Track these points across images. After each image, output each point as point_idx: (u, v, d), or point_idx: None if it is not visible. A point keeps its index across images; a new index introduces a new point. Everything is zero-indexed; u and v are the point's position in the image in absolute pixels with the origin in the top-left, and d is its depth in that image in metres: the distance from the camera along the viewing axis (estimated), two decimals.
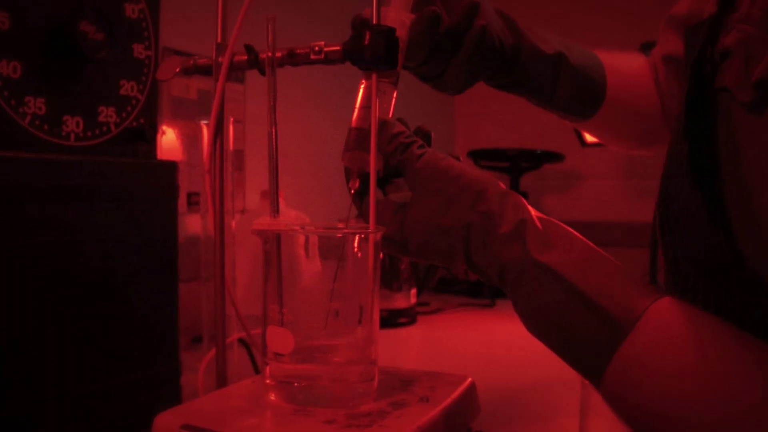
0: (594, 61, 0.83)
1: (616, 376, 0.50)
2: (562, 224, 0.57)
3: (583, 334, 0.51)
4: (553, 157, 2.09)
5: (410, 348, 1.31)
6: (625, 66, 0.88)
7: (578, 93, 0.81)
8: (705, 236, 0.52)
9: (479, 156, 2.15)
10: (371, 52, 0.58)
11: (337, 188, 1.69)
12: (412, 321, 1.49)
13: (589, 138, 1.94)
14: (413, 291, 1.50)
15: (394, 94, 0.64)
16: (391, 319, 1.42)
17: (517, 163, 2.10)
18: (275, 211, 0.60)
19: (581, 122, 0.88)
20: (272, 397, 0.58)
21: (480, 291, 1.79)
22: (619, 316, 0.49)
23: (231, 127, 0.85)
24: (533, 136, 2.25)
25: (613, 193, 2.32)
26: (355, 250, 0.58)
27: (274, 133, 0.60)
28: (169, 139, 1.31)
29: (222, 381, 0.63)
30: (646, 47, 0.96)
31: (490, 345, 1.29)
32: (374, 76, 0.60)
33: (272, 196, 0.61)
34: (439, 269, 1.81)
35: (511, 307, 0.56)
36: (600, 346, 0.50)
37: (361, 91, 0.63)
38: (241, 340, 0.96)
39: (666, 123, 0.89)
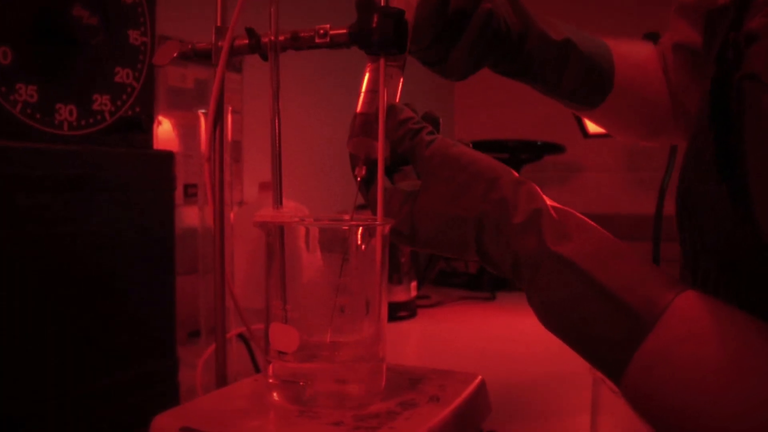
0: (602, 48, 0.81)
1: (639, 374, 0.47)
2: (578, 214, 0.55)
3: (602, 330, 0.49)
4: (554, 148, 2.07)
5: (411, 343, 1.29)
6: (633, 54, 0.86)
7: (586, 81, 0.80)
8: (729, 228, 0.50)
9: (478, 147, 2.11)
10: (379, 35, 0.55)
11: (334, 179, 1.68)
12: (412, 314, 1.47)
13: (592, 129, 1.91)
14: (413, 284, 1.49)
15: (401, 79, 0.61)
16: (391, 313, 1.40)
17: (517, 155, 2.07)
18: (278, 202, 0.58)
19: (587, 111, 0.86)
20: (275, 397, 0.55)
21: (480, 284, 1.78)
22: (641, 310, 0.47)
23: (229, 117, 0.82)
24: (533, 127, 2.23)
25: (614, 186, 2.30)
26: (363, 243, 0.56)
27: (277, 122, 0.57)
28: (165, 130, 1.29)
29: (222, 380, 0.61)
30: (648, 38, 0.94)
31: (492, 340, 1.27)
32: (382, 61, 0.57)
33: (275, 186, 0.58)
34: (440, 261, 1.79)
35: (513, 300, 0.55)
36: (621, 342, 0.48)
37: (366, 75, 0.60)
38: (239, 335, 0.94)
39: (674, 113, 0.87)
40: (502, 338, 1.27)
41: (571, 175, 2.38)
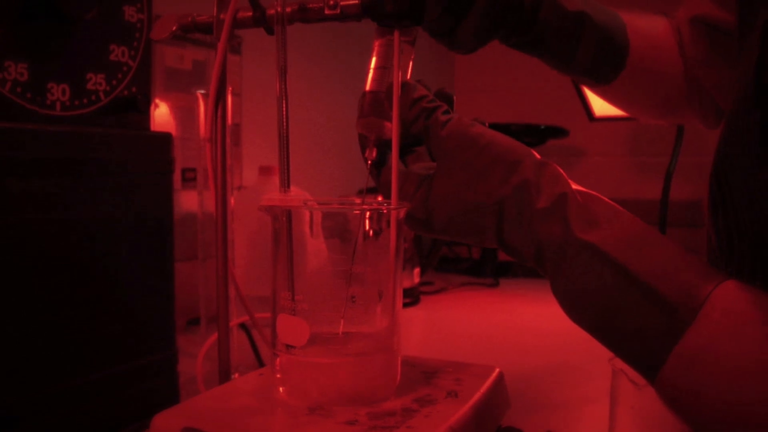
0: (617, 21, 0.78)
1: (678, 370, 0.44)
2: (605, 198, 0.51)
3: (636, 323, 0.46)
4: (558, 132, 2.03)
5: (416, 331, 1.26)
6: (647, 28, 0.83)
7: (600, 55, 0.76)
8: (767, 211, 0.46)
9: None
10: (394, 5, 0.52)
11: (335, 163, 1.64)
12: (415, 301, 1.45)
13: (598, 112, 1.88)
14: (417, 270, 1.46)
15: (412, 55, 0.58)
16: None
17: (520, 139, 2.03)
18: (285, 184, 0.54)
19: (600, 87, 0.83)
20: (283, 393, 0.52)
21: (483, 270, 1.76)
22: (678, 303, 0.44)
23: (230, 98, 0.79)
24: (536, 111, 2.20)
25: (618, 170, 2.27)
26: (375, 228, 0.52)
27: (284, 100, 0.54)
28: (162, 113, 1.25)
29: (225, 374, 0.57)
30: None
31: (498, 327, 1.25)
32: (396, 34, 0.54)
33: (282, 168, 0.54)
34: (443, 246, 1.77)
35: (516, 286, 0.52)
36: (657, 337, 0.45)
37: (375, 50, 0.57)
38: (241, 324, 0.91)
39: (688, 89, 0.84)
40: (508, 326, 1.25)
41: (575, 159, 2.35)
